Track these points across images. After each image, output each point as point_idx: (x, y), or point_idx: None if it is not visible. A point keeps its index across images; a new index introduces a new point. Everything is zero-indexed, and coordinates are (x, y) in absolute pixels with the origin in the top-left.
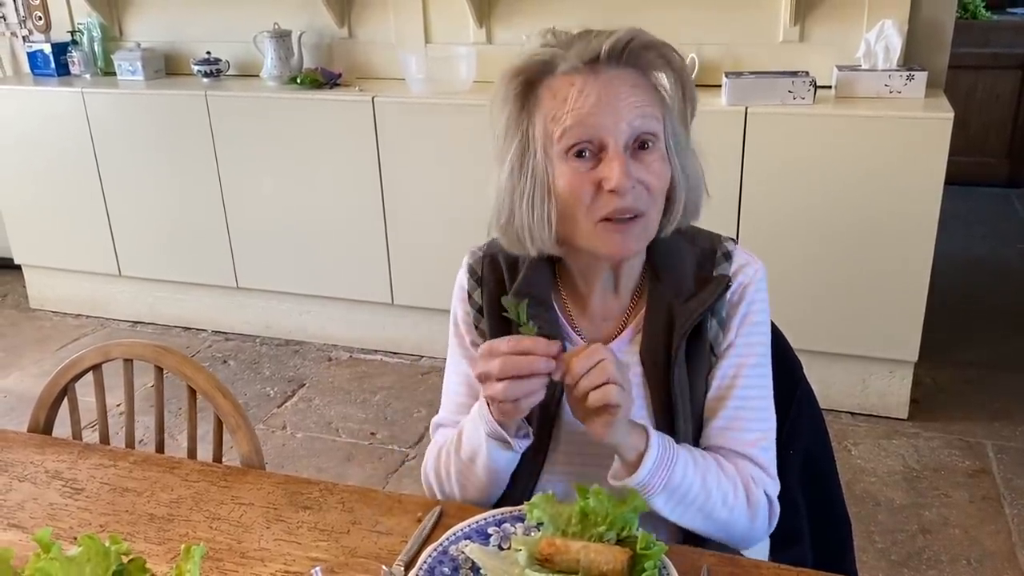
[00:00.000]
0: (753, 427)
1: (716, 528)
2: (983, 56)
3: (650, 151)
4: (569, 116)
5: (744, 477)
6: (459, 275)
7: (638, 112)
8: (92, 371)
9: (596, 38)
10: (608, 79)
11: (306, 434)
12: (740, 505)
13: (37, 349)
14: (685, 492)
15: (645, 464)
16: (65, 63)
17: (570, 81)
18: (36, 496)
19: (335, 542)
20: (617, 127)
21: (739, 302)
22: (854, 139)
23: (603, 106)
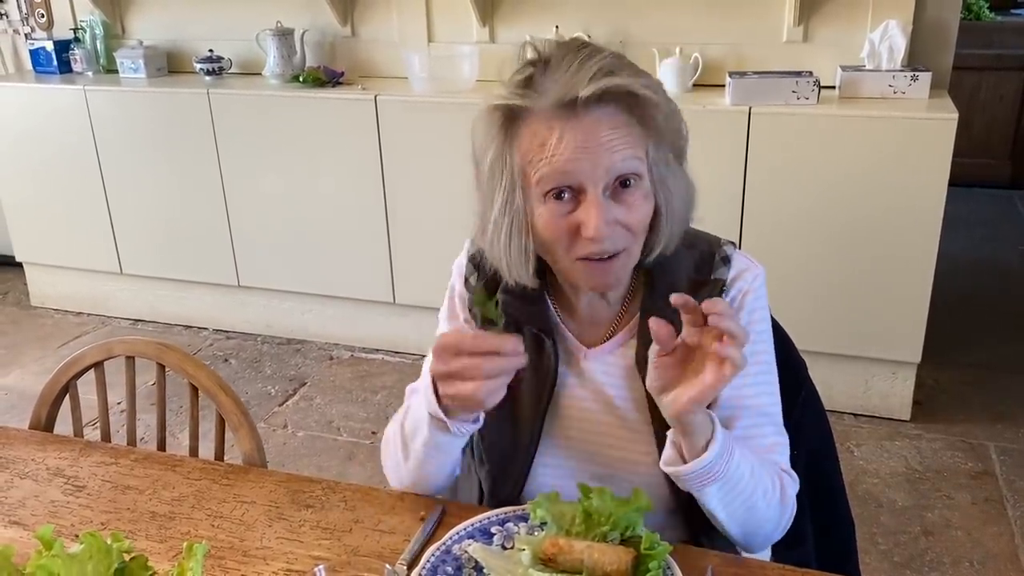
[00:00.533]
0: (768, 432)
1: (751, 524)
2: (986, 57)
3: (632, 189)
4: (547, 163)
5: (780, 475)
6: (460, 258)
7: (619, 155)
8: (94, 368)
9: (575, 74)
10: (587, 123)
11: (307, 433)
12: (775, 499)
13: (38, 347)
14: (736, 482)
15: (712, 448)
16: (67, 60)
17: (548, 125)
18: (37, 493)
19: (337, 541)
20: (595, 172)
21: (739, 310)
22: (858, 139)
23: (582, 152)
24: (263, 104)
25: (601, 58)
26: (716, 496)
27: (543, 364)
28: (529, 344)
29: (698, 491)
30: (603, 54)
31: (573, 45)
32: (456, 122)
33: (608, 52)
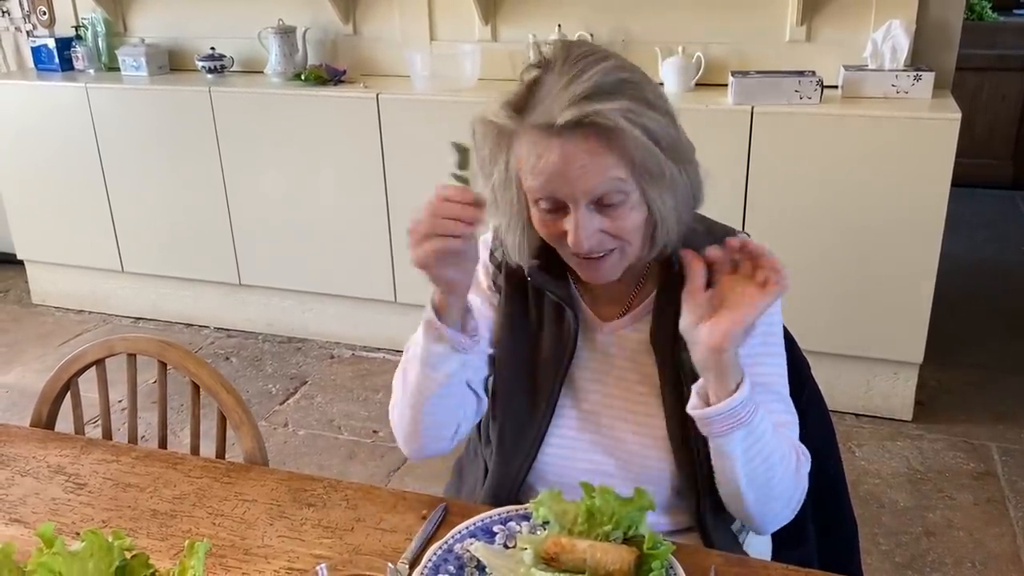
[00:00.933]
0: (780, 410)
1: (767, 489)
2: (989, 58)
3: (616, 207)
4: (532, 175)
5: (795, 450)
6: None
7: (595, 180)
8: (95, 366)
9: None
10: (565, 149)
11: (308, 431)
12: (791, 468)
13: (39, 345)
14: (760, 435)
15: (743, 388)
16: (69, 58)
17: (532, 144)
18: (38, 491)
19: (339, 539)
20: (574, 194)
21: None
22: (860, 139)
23: (561, 175)
24: (265, 102)
25: (589, 78)
26: (741, 445)
27: (563, 333)
28: (551, 315)
29: (725, 436)
30: (593, 71)
31: (572, 55)
32: (458, 121)
33: (601, 68)
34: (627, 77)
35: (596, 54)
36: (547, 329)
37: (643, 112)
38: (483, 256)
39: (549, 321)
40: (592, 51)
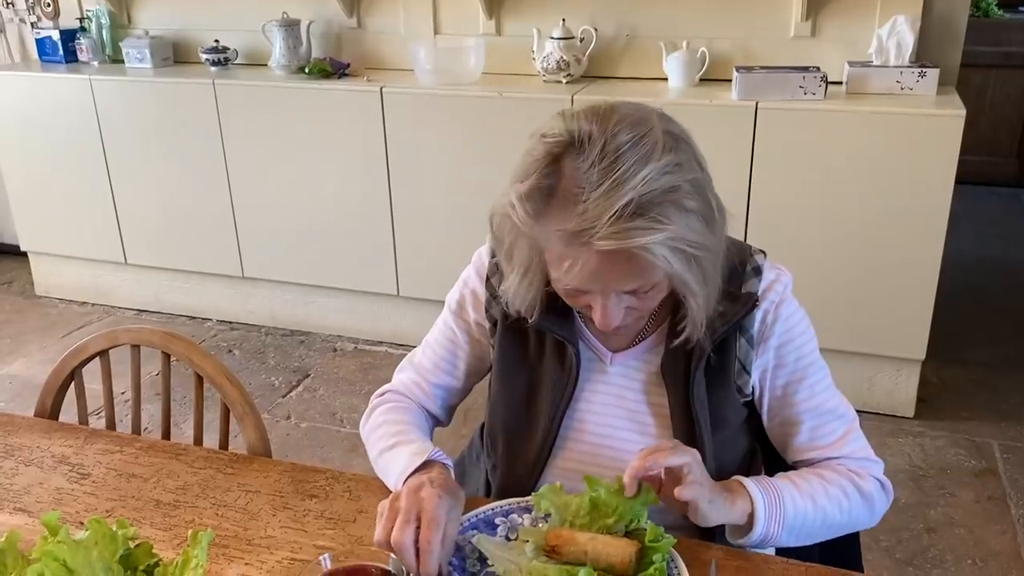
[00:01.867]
0: (834, 428)
1: (840, 531)
2: (994, 55)
3: (645, 292)
4: (563, 275)
5: (848, 476)
6: (481, 250)
7: (631, 283)
8: (99, 357)
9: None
10: (603, 261)
11: (311, 424)
12: (855, 504)
13: (42, 336)
14: (803, 521)
15: (758, 522)
16: (73, 50)
17: (563, 249)
18: (42, 480)
19: (341, 530)
20: (606, 290)
21: (774, 322)
22: (865, 135)
23: (593, 279)
24: (269, 95)
25: (631, 188)
26: (790, 541)
27: (564, 371)
28: (552, 350)
29: (769, 548)
30: (636, 180)
31: (610, 143)
32: (462, 114)
33: (643, 176)
34: (671, 183)
35: (637, 144)
36: (547, 364)
37: (684, 234)
38: (474, 282)
39: (550, 355)
40: (633, 138)
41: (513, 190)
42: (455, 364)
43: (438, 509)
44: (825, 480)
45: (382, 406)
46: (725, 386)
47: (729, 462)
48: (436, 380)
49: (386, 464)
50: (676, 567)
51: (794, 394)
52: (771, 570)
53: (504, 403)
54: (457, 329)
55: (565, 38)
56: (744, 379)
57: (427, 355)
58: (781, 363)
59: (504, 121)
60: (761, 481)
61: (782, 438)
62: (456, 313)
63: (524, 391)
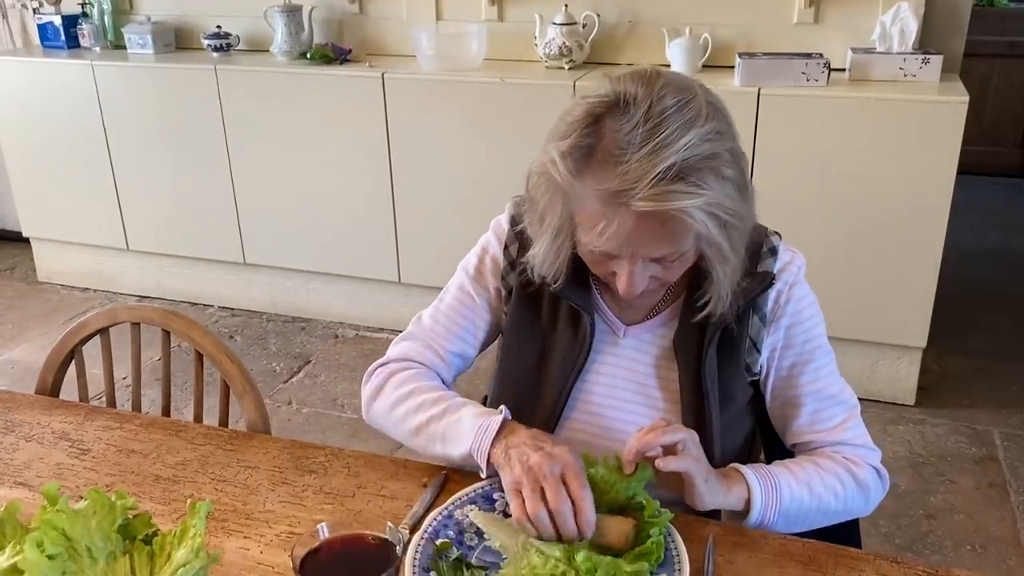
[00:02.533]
0: (835, 413)
1: (835, 519)
2: (999, 44)
3: (672, 260)
4: (594, 237)
5: (844, 464)
6: (500, 218)
7: (664, 251)
8: (99, 335)
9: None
10: (640, 224)
11: (311, 410)
12: (851, 492)
13: (44, 321)
14: (799, 509)
15: (754, 508)
16: (75, 36)
17: (600, 208)
18: (43, 456)
19: (340, 505)
20: (635, 255)
21: (786, 303)
22: (868, 122)
23: (625, 243)
24: (270, 81)
25: (675, 151)
26: (786, 528)
27: (577, 340)
28: (566, 320)
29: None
30: (680, 144)
31: (655, 105)
32: (464, 100)
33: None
34: (714, 148)
35: (682, 109)
36: (560, 332)
37: (720, 195)
38: (494, 248)
39: (564, 324)
40: (678, 102)
41: (554, 147)
42: (472, 332)
43: (578, 463)
44: (821, 468)
45: (399, 375)
46: (735, 363)
47: (733, 443)
48: (452, 347)
49: (443, 432)
50: (673, 542)
51: (799, 376)
52: (768, 545)
53: (514, 371)
54: (476, 295)
55: (567, 24)
56: (754, 357)
57: (440, 320)
58: (790, 344)
59: (506, 107)
60: (758, 468)
61: (783, 420)
62: (475, 279)
63: (535, 359)
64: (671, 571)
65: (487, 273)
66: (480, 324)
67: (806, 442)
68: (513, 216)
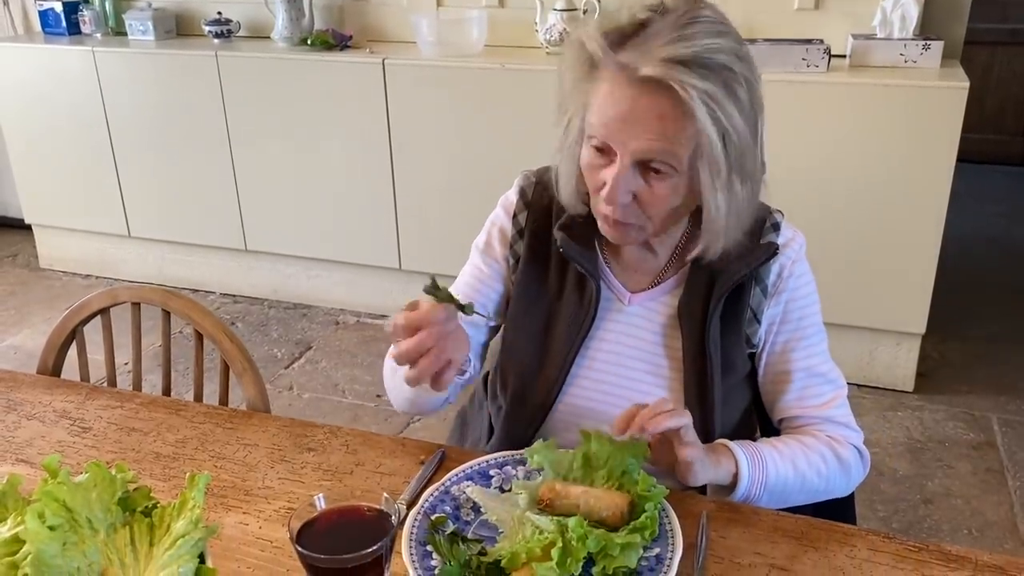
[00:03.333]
0: (824, 391)
1: (817, 497)
2: (1001, 32)
3: (659, 177)
4: (598, 113)
5: (828, 442)
6: (509, 193)
7: (652, 144)
8: (100, 316)
9: (654, 45)
10: (639, 99)
11: (313, 395)
12: (832, 470)
13: (46, 308)
14: (783, 486)
15: (741, 482)
16: (76, 22)
17: (612, 80)
18: (44, 434)
19: (338, 482)
20: (626, 146)
21: (789, 277)
22: (868, 108)
23: (622, 122)
24: (271, 67)
25: (694, 44)
26: (770, 503)
27: (583, 305)
28: (572, 286)
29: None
30: (704, 42)
31: (693, 13)
32: (464, 86)
33: (712, 42)
34: (732, 64)
35: (717, 24)
36: (567, 299)
37: (725, 105)
38: (504, 222)
39: (570, 291)
40: (715, 20)
41: (596, 25)
42: (486, 305)
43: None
44: (806, 447)
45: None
46: (737, 332)
47: (732, 415)
48: (468, 322)
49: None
50: (668, 518)
51: (792, 351)
52: (761, 521)
53: (521, 337)
54: (486, 266)
55: (568, 10)
56: (754, 328)
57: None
58: (786, 318)
59: (507, 93)
60: (745, 444)
61: (772, 394)
62: (485, 251)
63: (541, 324)
64: (665, 546)
65: (496, 244)
66: (493, 296)
67: (793, 417)
68: (522, 188)
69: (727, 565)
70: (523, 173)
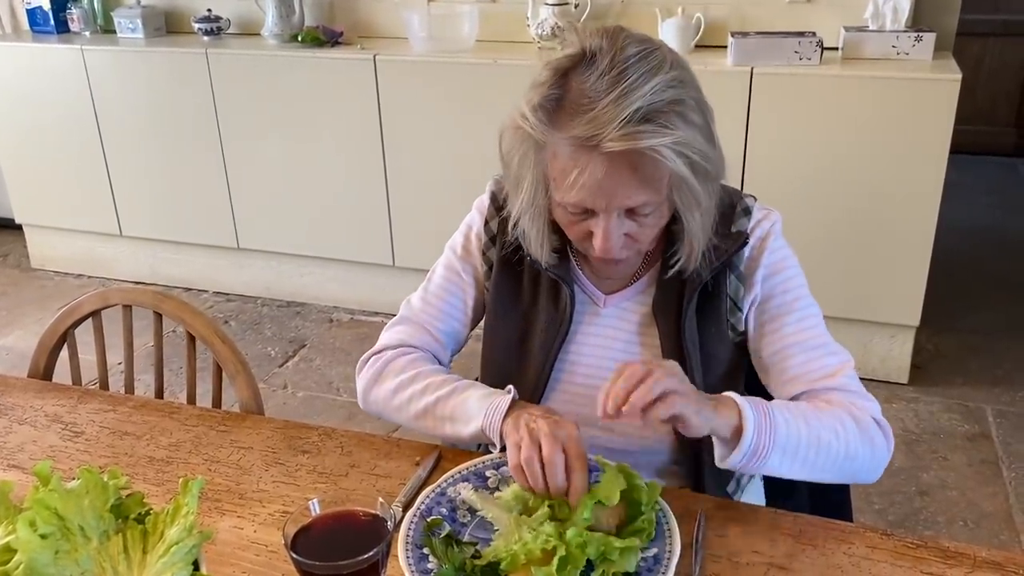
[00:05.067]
0: (828, 362)
1: (840, 465)
2: (993, 23)
3: (646, 215)
4: (567, 188)
5: (844, 405)
6: (482, 197)
7: (637, 200)
8: (92, 318)
9: (604, 116)
10: (611, 168)
11: (307, 393)
12: (852, 433)
13: (38, 308)
14: (796, 442)
15: (746, 433)
16: (64, 20)
17: (571, 154)
18: (35, 439)
19: (333, 484)
20: (610, 205)
21: (759, 255)
22: (861, 101)
23: (599, 189)
24: (262, 64)
25: (640, 96)
26: (783, 464)
27: (558, 312)
28: (547, 292)
29: (763, 465)
30: (645, 89)
31: (619, 55)
32: (456, 82)
33: (652, 85)
34: (678, 95)
35: (646, 58)
36: (542, 305)
37: (688, 138)
38: (477, 224)
39: (545, 297)
40: (641, 52)
41: (525, 102)
42: (463, 309)
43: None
44: (818, 407)
45: (399, 361)
46: (716, 323)
47: None
48: (445, 327)
49: (451, 412)
50: (665, 517)
51: (783, 327)
52: (759, 519)
53: (498, 346)
54: (462, 272)
55: (560, 4)
56: (737, 316)
57: (432, 302)
58: (769, 295)
59: (499, 89)
60: (752, 398)
61: (774, 376)
62: (461, 256)
63: (517, 332)
64: (663, 546)
65: (472, 249)
66: (468, 301)
67: (800, 394)
68: (494, 193)
69: (725, 564)
70: (494, 178)
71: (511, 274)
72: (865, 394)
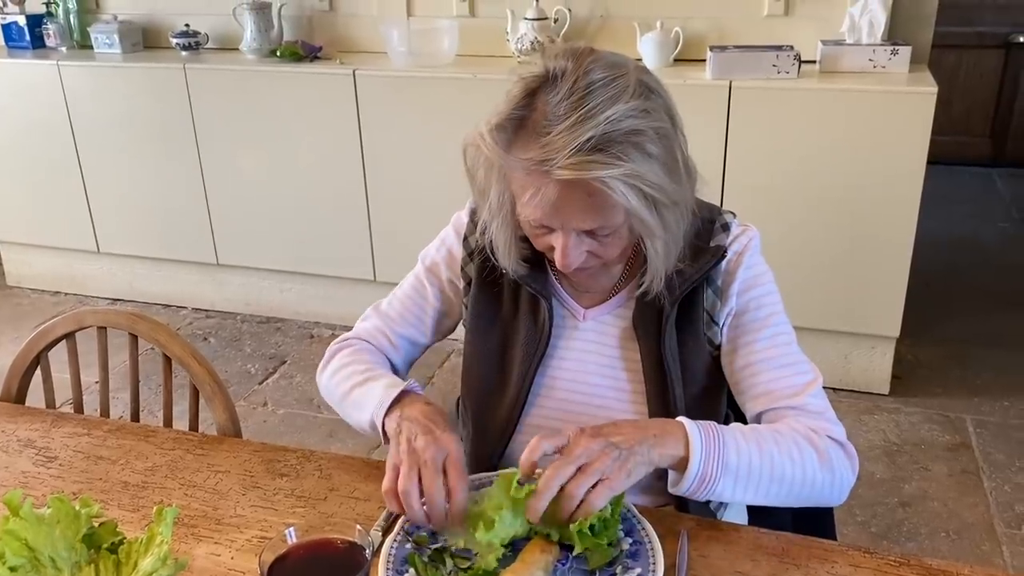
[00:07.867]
0: (795, 381)
1: (797, 492)
2: (967, 35)
3: (606, 236)
4: (526, 206)
5: (803, 430)
6: (460, 213)
7: (592, 223)
8: (65, 340)
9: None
10: (564, 192)
11: (287, 411)
12: (810, 459)
13: (14, 327)
14: (747, 467)
15: (692, 461)
16: (40, 36)
17: (528, 175)
18: (7, 464)
19: (312, 508)
20: (566, 225)
21: (735, 269)
22: (838, 113)
23: (554, 210)
24: (240, 80)
25: (597, 124)
26: (735, 489)
27: (537, 326)
28: (526, 307)
29: (714, 492)
30: (604, 116)
31: (582, 79)
32: (436, 97)
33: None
34: (637, 125)
35: (608, 85)
36: (521, 320)
37: (643, 172)
38: (454, 244)
39: (524, 312)
40: (605, 78)
41: (485, 121)
42: (422, 319)
43: (460, 453)
44: (776, 432)
45: (345, 350)
46: (695, 338)
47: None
48: (402, 331)
49: (358, 399)
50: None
51: (755, 343)
52: (742, 539)
53: (478, 361)
54: (428, 284)
55: (539, 19)
56: (714, 330)
57: (394, 306)
58: (743, 309)
59: (479, 103)
60: (703, 422)
61: (741, 390)
62: (429, 269)
63: (497, 347)
64: (645, 566)
65: (442, 264)
66: (429, 312)
67: (764, 411)
68: (473, 209)
69: None
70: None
71: (490, 289)
72: (830, 416)
